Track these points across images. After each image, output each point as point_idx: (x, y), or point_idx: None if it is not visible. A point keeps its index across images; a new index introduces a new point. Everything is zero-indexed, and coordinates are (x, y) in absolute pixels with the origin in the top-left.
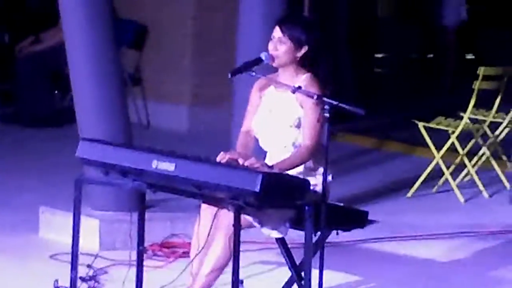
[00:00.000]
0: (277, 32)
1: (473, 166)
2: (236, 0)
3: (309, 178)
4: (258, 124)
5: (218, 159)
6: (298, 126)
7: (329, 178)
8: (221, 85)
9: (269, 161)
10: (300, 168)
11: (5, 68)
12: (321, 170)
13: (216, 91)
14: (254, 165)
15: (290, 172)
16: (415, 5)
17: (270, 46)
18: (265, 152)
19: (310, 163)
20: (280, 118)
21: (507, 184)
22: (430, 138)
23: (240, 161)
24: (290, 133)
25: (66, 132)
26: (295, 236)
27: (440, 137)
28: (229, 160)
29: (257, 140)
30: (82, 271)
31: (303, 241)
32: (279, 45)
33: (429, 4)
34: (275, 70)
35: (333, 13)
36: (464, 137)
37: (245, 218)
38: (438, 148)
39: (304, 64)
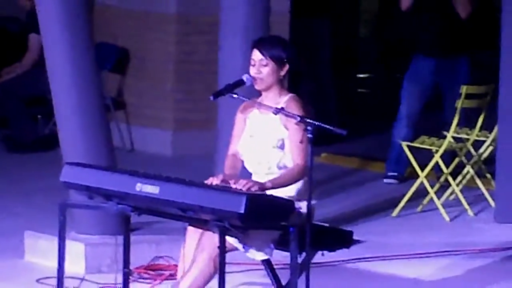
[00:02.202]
0: (257, 55)
1: (458, 184)
2: (218, 25)
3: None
4: (243, 147)
5: (208, 182)
6: (282, 147)
7: (313, 202)
8: (205, 109)
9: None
10: (293, 192)
11: None
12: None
13: (200, 115)
14: (249, 185)
15: (282, 195)
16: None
17: (253, 70)
18: (250, 174)
19: (301, 187)
20: (263, 140)
21: (491, 202)
22: (414, 158)
23: (232, 184)
24: (273, 154)
25: (50, 157)
26: (281, 257)
27: (423, 156)
28: (220, 183)
29: (243, 162)
30: None
31: (288, 262)
32: (262, 68)
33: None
34: (258, 92)
35: (316, 35)
36: (448, 156)
37: (229, 242)
38: (422, 167)
39: (286, 84)
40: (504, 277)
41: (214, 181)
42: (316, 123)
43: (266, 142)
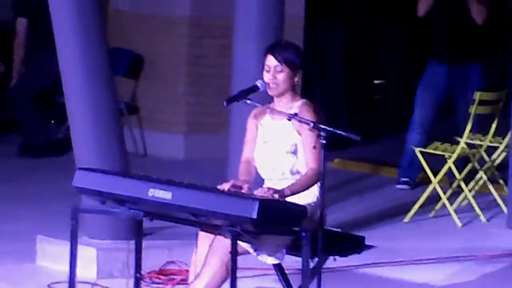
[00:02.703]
0: (271, 61)
1: (470, 190)
2: (231, 28)
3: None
4: (256, 153)
5: (220, 187)
6: (295, 152)
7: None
8: (217, 114)
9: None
10: (314, 198)
11: (3, 99)
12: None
13: (212, 120)
14: (270, 192)
15: (302, 202)
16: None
17: (268, 76)
18: (263, 180)
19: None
20: (276, 146)
21: (504, 208)
22: (427, 163)
23: (245, 187)
24: (287, 160)
25: (63, 161)
26: (292, 262)
27: (436, 162)
28: (232, 188)
29: (256, 168)
30: None
31: (300, 267)
32: (277, 74)
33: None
34: (271, 97)
35: (328, 38)
36: (461, 162)
37: (241, 246)
38: (435, 173)
39: (299, 89)
40: None
41: (226, 186)
42: (330, 129)
43: (279, 147)
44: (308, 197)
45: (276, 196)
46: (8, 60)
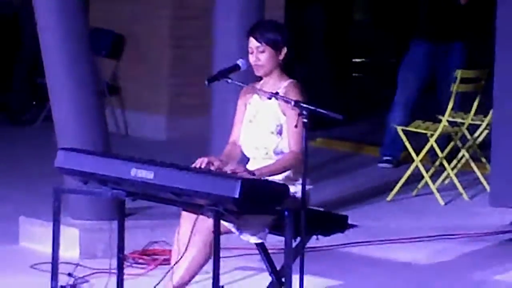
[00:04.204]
0: (253, 43)
1: (453, 169)
2: (213, 9)
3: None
4: (242, 132)
5: (196, 164)
6: (280, 133)
7: (309, 186)
8: (199, 94)
9: (251, 167)
10: (279, 177)
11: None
12: (300, 178)
13: (194, 100)
14: (235, 170)
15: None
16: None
17: (252, 58)
18: (248, 159)
19: (289, 173)
20: (261, 125)
21: (486, 186)
22: (409, 142)
23: (215, 163)
24: (271, 140)
25: (46, 141)
26: (276, 242)
27: (418, 141)
28: (207, 165)
29: (242, 150)
30: (63, 280)
31: (283, 246)
32: (260, 54)
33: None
34: (254, 77)
35: (310, 19)
36: (443, 140)
37: (224, 225)
38: (417, 152)
39: (286, 68)
40: (499, 261)
41: (205, 160)
42: (312, 107)
43: (264, 127)
44: (276, 176)
45: (245, 174)
46: None
